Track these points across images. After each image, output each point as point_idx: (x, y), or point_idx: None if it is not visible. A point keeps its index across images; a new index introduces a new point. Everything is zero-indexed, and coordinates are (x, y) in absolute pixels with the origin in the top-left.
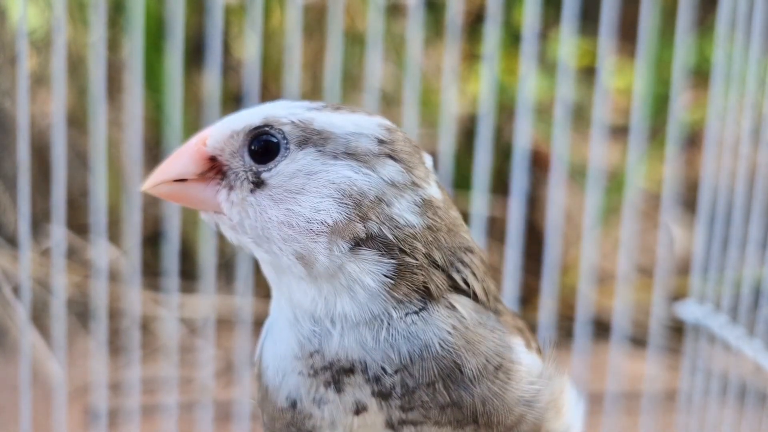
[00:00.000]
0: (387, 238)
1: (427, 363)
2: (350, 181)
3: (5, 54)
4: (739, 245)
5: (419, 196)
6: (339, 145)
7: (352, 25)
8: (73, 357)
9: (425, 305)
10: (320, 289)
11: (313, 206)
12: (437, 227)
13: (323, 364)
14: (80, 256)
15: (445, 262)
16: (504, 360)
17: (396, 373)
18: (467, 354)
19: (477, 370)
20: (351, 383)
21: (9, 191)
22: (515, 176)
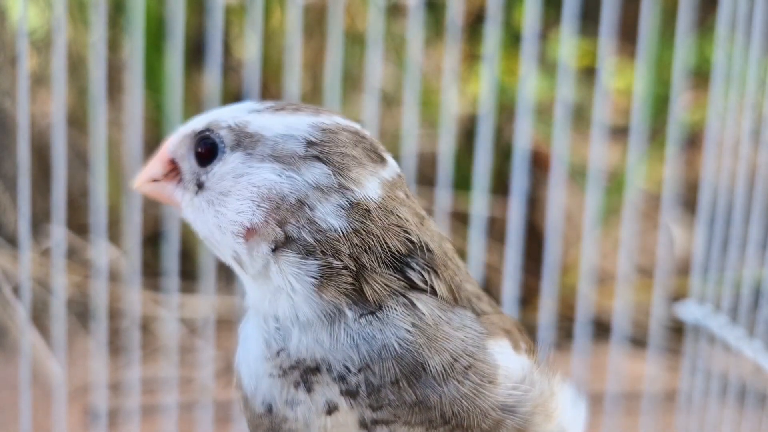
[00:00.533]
0: (307, 241)
1: (387, 362)
2: (270, 184)
3: (5, 54)
4: (739, 246)
5: (346, 199)
6: (267, 148)
7: (353, 25)
8: (73, 357)
9: (380, 305)
10: (263, 290)
11: (236, 208)
12: (368, 230)
13: (290, 363)
14: (80, 256)
15: (384, 263)
16: (476, 361)
17: (360, 372)
18: (429, 351)
19: (442, 368)
20: (319, 382)
21: (9, 191)
22: (515, 176)
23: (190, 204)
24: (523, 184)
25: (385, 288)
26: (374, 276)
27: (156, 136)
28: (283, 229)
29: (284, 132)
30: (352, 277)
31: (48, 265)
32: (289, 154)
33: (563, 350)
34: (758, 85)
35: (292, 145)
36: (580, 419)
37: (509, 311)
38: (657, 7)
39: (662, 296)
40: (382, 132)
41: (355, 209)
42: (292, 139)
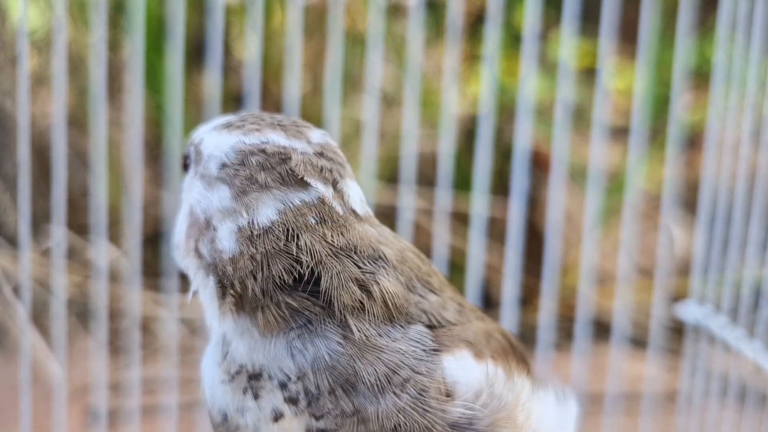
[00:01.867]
0: (208, 260)
1: (321, 373)
2: (195, 202)
3: (6, 54)
4: (740, 246)
5: (236, 224)
6: (200, 167)
7: (353, 25)
8: (73, 357)
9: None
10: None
11: (179, 221)
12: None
13: (236, 368)
14: (80, 256)
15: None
16: (416, 374)
17: (298, 380)
18: (361, 363)
19: (376, 378)
20: (264, 388)
21: (9, 191)
22: (515, 177)
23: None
24: (524, 185)
25: (280, 312)
26: (262, 300)
27: (156, 137)
28: (196, 245)
29: (211, 152)
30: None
31: (48, 265)
32: (209, 174)
33: (563, 350)
34: (758, 86)
35: (212, 165)
36: (570, 419)
37: (509, 312)
38: (657, 7)
39: (662, 297)
40: (383, 132)
41: (242, 233)
42: (213, 160)
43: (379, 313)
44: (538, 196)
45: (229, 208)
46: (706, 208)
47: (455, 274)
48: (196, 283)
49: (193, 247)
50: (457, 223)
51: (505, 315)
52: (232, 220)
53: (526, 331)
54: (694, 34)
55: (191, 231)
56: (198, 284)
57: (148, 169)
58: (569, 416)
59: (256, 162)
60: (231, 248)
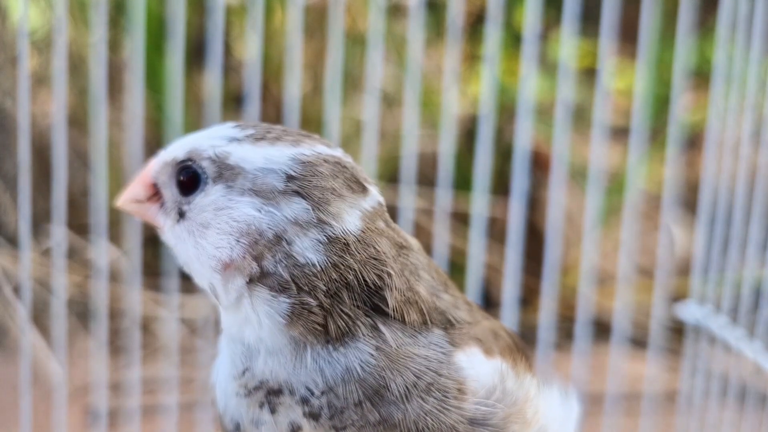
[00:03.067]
0: (282, 276)
1: (350, 386)
2: (250, 219)
3: (6, 54)
4: (740, 246)
5: (325, 234)
6: (247, 181)
7: (353, 25)
8: (74, 357)
9: (347, 331)
10: (234, 318)
11: (215, 242)
12: (347, 264)
13: (255, 383)
14: (81, 256)
15: (359, 296)
16: (439, 377)
17: (323, 395)
18: (391, 373)
19: (404, 388)
20: (282, 404)
21: (10, 191)
22: (516, 177)
23: (171, 230)
24: (524, 185)
25: (351, 321)
26: (344, 310)
27: (157, 137)
28: (259, 264)
29: (264, 165)
30: (323, 315)
31: (48, 265)
32: (269, 188)
33: (563, 351)
34: (759, 86)
35: (272, 179)
36: (572, 418)
37: (509, 312)
38: (657, 7)
39: (662, 297)
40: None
41: (333, 244)
42: (272, 173)
43: (415, 321)
44: (538, 196)
45: (309, 220)
46: (706, 208)
47: (455, 274)
48: (245, 303)
49: (252, 266)
50: (458, 223)
51: (506, 315)
52: (318, 232)
53: (526, 331)
54: (695, 34)
55: (251, 249)
56: (250, 305)
57: None
58: (572, 414)
59: (327, 171)
60: (319, 260)
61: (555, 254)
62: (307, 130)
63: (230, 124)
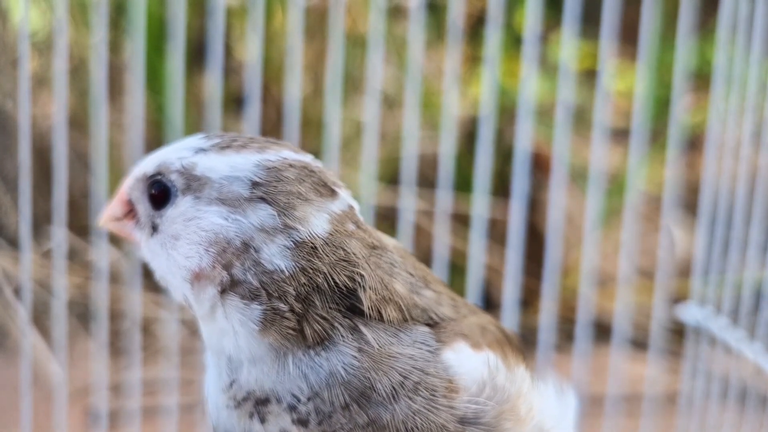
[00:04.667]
0: (252, 284)
1: (336, 389)
2: (218, 228)
3: (7, 55)
4: (740, 248)
5: (291, 239)
6: (213, 191)
7: (354, 27)
8: (74, 358)
9: (326, 335)
10: (211, 329)
11: (185, 253)
12: (315, 268)
13: (242, 395)
14: (81, 257)
15: (332, 299)
16: (427, 376)
17: (309, 401)
18: (376, 374)
19: (391, 388)
20: (271, 413)
21: (10, 192)
22: (516, 178)
23: (146, 245)
24: (524, 186)
25: (328, 324)
26: (318, 313)
27: (157, 138)
28: (229, 272)
29: (229, 173)
30: (297, 320)
31: (49, 267)
32: (235, 196)
33: (564, 352)
34: (759, 88)
35: (238, 187)
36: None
37: (510, 313)
38: (658, 9)
39: (663, 298)
40: (383, 134)
41: (300, 248)
42: (237, 181)
43: (395, 319)
44: (538, 197)
45: (275, 226)
46: (706, 209)
47: (456, 276)
48: (219, 313)
49: (222, 275)
50: (458, 224)
51: (506, 316)
52: (285, 237)
53: (526, 332)
54: (695, 36)
55: (219, 258)
56: (223, 314)
57: None
58: (569, 409)
59: (293, 176)
60: (288, 266)
61: (555, 256)
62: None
63: (199, 135)
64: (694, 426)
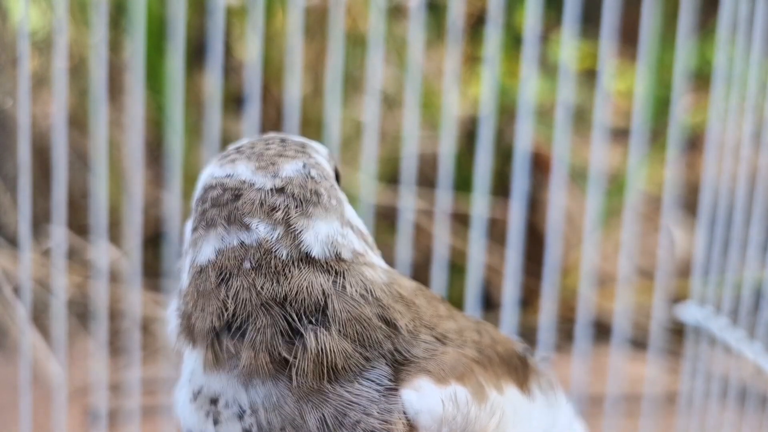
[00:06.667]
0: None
1: (270, 412)
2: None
3: (7, 55)
4: (740, 248)
5: (189, 259)
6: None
7: (354, 26)
8: (74, 357)
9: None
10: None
11: None
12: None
13: (197, 388)
14: (81, 256)
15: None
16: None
17: (252, 414)
18: (306, 406)
19: (323, 423)
20: (222, 415)
21: (10, 192)
22: (516, 178)
23: None
24: (524, 186)
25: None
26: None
27: (157, 137)
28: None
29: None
30: (186, 331)
31: (48, 266)
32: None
33: (564, 352)
34: (759, 88)
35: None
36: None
37: (509, 313)
38: (658, 9)
39: (663, 298)
40: (383, 133)
41: (192, 269)
42: (196, 192)
43: (309, 369)
44: (538, 197)
45: (190, 242)
46: (706, 209)
47: (455, 276)
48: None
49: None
50: (458, 224)
51: (506, 316)
52: (190, 255)
53: (526, 332)
54: (695, 36)
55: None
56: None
57: (148, 170)
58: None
59: (212, 198)
60: (185, 282)
61: (555, 255)
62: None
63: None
64: (693, 426)
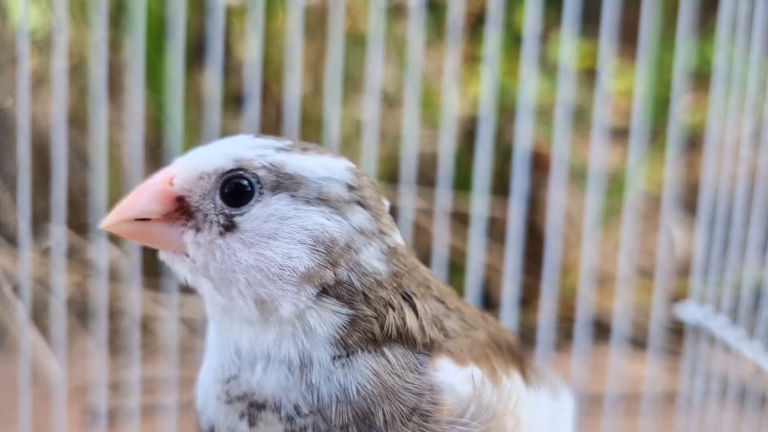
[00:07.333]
0: (353, 284)
1: (342, 406)
2: (323, 227)
3: (7, 54)
4: (740, 247)
5: (386, 244)
6: (311, 191)
7: (354, 26)
8: (73, 356)
9: (355, 351)
10: (265, 333)
11: (286, 252)
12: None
13: (238, 393)
14: (80, 255)
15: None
16: (422, 402)
17: (310, 414)
18: (382, 401)
19: (390, 416)
20: (264, 419)
21: (10, 191)
22: (516, 177)
23: (207, 245)
24: (524, 185)
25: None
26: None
27: (157, 136)
28: (334, 272)
29: (327, 175)
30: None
31: (48, 265)
32: (335, 197)
33: (563, 351)
34: (759, 87)
35: (336, 188)
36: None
37: (509, 312)
38: (658, 9)
39: (662, 297)
40: (383, 133)
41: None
42: (335, 183)
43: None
44: (538, 196)
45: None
46: (706, 209)
47: (455, 275)
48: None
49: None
50: (458, 223)
51: (505, 315)
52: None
53: (526, 331)
54: (695, 36)
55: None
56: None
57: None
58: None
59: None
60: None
61: (555, 255)
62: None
63: (246, 135)
64: (693, 425)
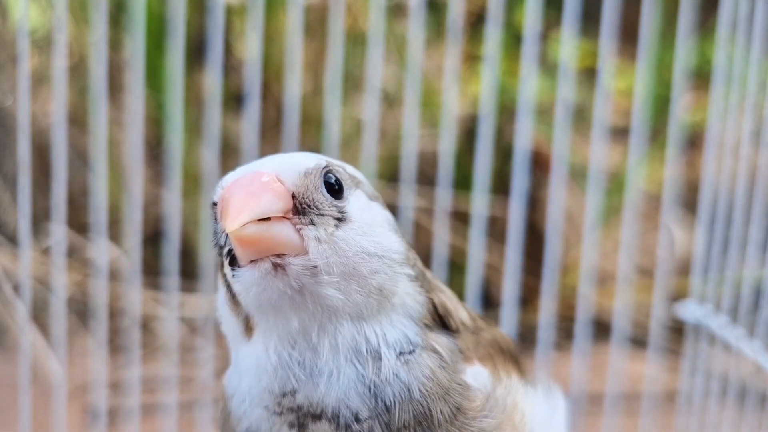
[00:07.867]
0: (418, 266)
1: (405, 406)
2: (390, 218)
3: (7, 53)
4: (740, 246)
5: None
6: (366, 188)
7: (354, 25)
8: (73, 356)
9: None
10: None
11: (388, 238)
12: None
13: (292, 405)
14: (81, 255)
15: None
16: (463, 400)
17: (368, 419)
18: (439, 401)
19: (444, 416)
20: (316, 430)
21: (10, 190)
22: (516, 177)
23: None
24: (524, 185)
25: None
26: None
27: (157, 136)
28: (411, 254)
29: (363, 178)
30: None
31: (48, 264)
32: (373, 195)
33: (563, 350)
34: (759, 86)
35: (370, 189)
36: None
37: (509, 311)
38: (658, 8)
39: (662, 296)
40: (383, 132)
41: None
42: (368, 185)
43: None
44: (538, 196)
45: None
46: (706, 208)
47: (455, 274)
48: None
49: (412, 258)
50: (458, 222)
51: (505, 315)
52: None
53: (526, 330)
54: (695, 35)
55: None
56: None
57: (148, 168)
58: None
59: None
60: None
61: (555, 254)
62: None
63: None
64: (693, 424)
